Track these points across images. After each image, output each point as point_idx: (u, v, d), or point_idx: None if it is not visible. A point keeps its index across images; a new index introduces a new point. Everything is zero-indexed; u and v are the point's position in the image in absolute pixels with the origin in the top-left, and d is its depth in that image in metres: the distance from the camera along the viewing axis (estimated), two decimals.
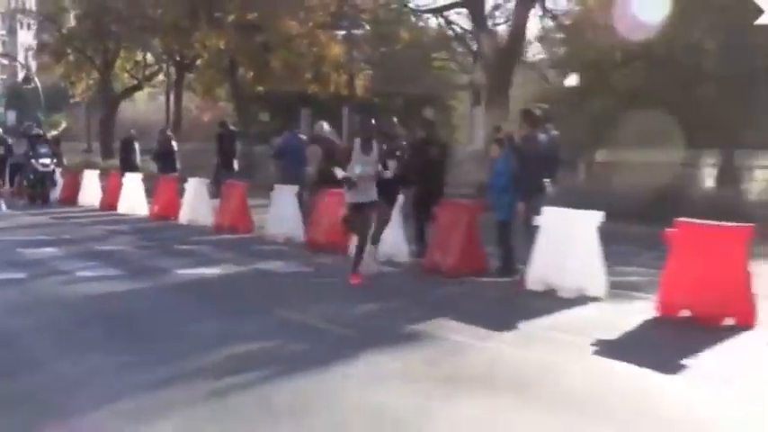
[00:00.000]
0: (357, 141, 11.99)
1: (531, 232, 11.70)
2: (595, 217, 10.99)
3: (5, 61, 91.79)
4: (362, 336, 9.01)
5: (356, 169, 11.76)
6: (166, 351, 8.25)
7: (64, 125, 71.61)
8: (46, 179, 26.06)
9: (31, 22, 68.18)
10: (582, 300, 10.80)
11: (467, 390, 7.08)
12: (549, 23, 26.85)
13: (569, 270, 11.17)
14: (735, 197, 20.54)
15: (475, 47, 26.18)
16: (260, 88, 36.16)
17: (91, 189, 25.59)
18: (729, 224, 9.91)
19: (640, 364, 7.90)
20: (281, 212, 17.53)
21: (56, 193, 26.47)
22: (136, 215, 22.25)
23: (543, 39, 28.13)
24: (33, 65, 61.73)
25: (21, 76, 68.91)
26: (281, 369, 7.61)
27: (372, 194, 12.03)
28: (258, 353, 8.29)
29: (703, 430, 6.42)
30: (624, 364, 7.97)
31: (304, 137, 18.10)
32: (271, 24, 31.08)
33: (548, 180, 12.39)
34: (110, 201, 23.89)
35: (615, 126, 25.94)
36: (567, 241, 11.21)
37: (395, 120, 14.87)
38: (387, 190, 12.51)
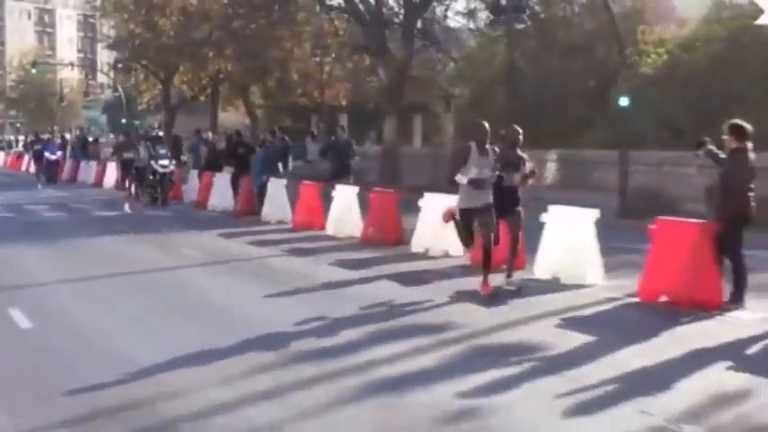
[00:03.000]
0: (473, 144, 12.36)
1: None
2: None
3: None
4: (171, 236, 21.69)
5: (472, 172, 12.22)
6: (56, 235, 21.21)
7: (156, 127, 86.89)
8: (165, 180, 28.38)
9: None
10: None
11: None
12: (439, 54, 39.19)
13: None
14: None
15: None
16: (261, 101, 49.61)
17: None
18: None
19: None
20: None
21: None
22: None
23: (437, 64, 40.46)
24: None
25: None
26: (116, 241, 20.55)
27: (485, 198, 12.43)
28: (101, 239, 21.22)
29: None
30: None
31: (205, 138, 30.95)
32: (263, 53, 44.07)
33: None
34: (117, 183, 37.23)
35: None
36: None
37: None
38: (507, 199, 12.84)
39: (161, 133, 32.13)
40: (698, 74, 30.62)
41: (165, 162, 28.11)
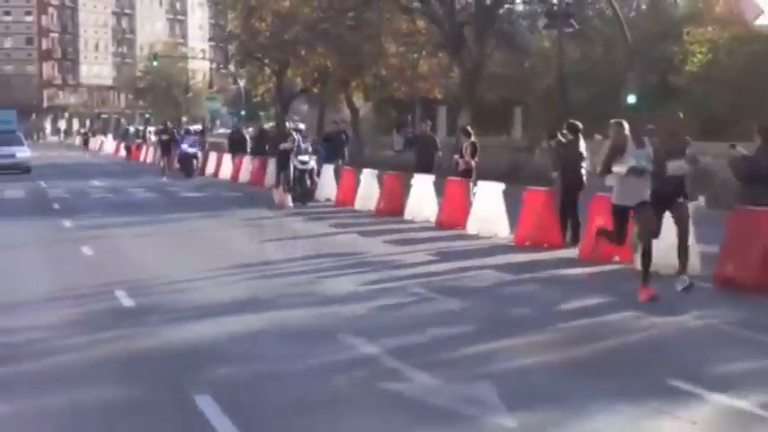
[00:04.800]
0: (629, 136, 13.20)
1: None
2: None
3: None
4: (230, 211, 29.52)
5: (630, 163, 12.88)
6: (143, 211, 29.27)
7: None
8: (303, 179, 28.82)
9: None
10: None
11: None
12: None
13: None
14: None
15: None
16: (361, 95, 57.53)
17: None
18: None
19: None
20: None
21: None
22: (224, 178, 43.35)
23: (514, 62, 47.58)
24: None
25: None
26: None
27: (642, 194, 13.02)
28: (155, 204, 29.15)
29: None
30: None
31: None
32: (356, 50, 51.74)
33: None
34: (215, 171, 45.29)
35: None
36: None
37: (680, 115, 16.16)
38: (672, 190, 13.72)
39: (301, 125, 32.43)
40: (734, 73, 36.83)
41: (306, 158, 28.66)
